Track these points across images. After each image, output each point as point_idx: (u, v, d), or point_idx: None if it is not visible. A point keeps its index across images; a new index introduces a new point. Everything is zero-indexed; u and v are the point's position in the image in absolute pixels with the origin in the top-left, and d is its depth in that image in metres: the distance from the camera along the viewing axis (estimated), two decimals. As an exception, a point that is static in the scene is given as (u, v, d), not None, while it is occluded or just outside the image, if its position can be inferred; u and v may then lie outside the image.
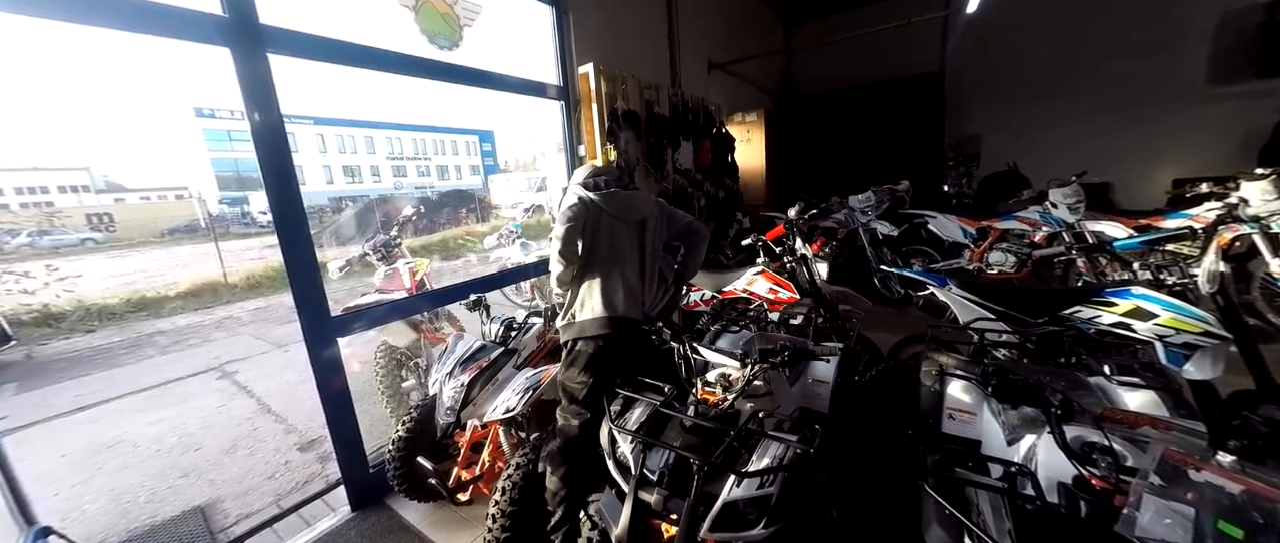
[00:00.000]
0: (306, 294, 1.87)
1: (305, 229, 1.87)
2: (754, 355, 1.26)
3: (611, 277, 1.92)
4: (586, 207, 1.89)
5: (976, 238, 4.08)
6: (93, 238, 21.34)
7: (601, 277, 1.92)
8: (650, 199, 2.11)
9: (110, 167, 40.75)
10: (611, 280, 1.92)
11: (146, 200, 30.76)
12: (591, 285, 1.93)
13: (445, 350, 1.92)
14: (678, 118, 3.90)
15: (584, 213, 1.89)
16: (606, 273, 1.92)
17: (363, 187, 30.78)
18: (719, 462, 1.10)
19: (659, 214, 2.02)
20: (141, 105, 48.55)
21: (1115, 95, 5.97)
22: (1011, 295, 1.94)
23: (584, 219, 1.89)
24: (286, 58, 1.81)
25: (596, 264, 1.93)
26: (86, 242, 20.47)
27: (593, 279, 1.93)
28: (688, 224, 2.10)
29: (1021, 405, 1.01)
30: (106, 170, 35.76)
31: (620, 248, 1.95)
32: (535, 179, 19.40)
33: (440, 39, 2.36)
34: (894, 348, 2.51)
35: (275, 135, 1.76)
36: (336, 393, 2.00)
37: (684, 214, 2.14)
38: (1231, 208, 3.02)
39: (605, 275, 1.92)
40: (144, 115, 46.94)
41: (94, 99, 48.74)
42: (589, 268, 1.92)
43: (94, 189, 30.54)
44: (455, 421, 1.61)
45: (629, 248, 1.95)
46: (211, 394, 3.87)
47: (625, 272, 1.93)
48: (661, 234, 2.03)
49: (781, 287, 2.47)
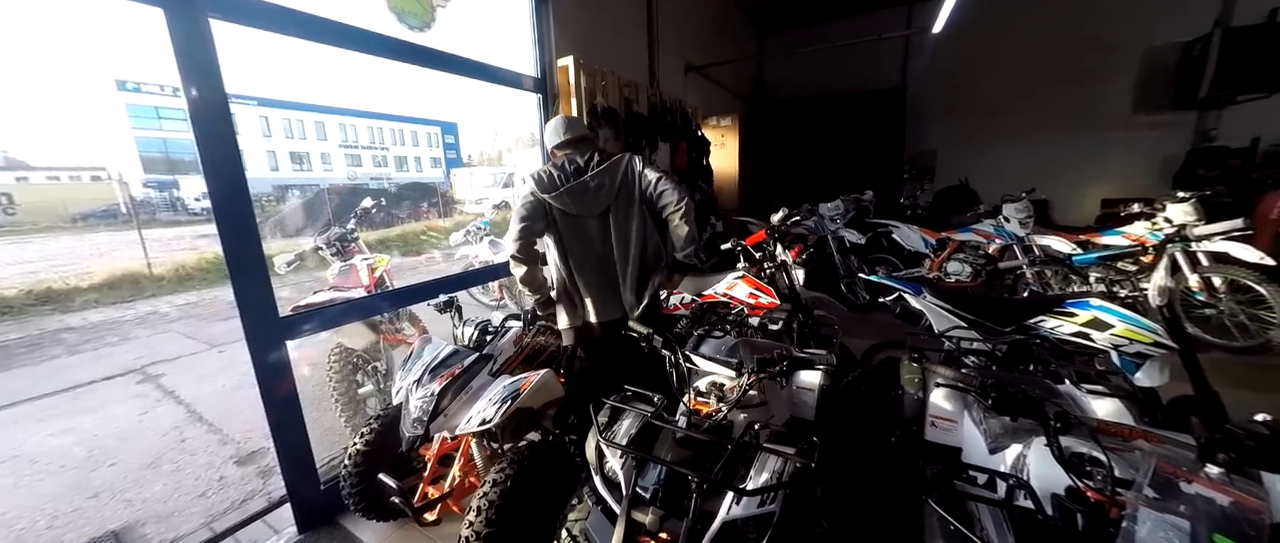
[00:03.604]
0: (250, 292, 1.67)
1: (251, 220, 1.67)
2: (751, 365, 1.22)
3: (584, 277, 1.83)
4: (542, 204, 1.78)
5: (936, 248, 4.28)
6: (-14, 220, 18.92)
7: (572, 279, 1.83)
8: (614, 174, 1.82)
9: (13, 141, 36.23)
10: (584, 281, 1.83)
11: (55, 180, 27.52)
12: (564, 290, 1.84)
13: (411, 356, 1.76)
14: (656, 118, 3.85)
15: (541, 210, 1.78)
16: (578, 273, 1.83)
17: (313, 174, 28.91)
18: (718, 478, 1.05)
19: (625, 193, 1.83)
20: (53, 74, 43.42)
21: (1052, 119, 6.46)
22: (982, 305, 2.02)
23: (542, 216, 1.78)
24: (231, 24, 1.61)
25: (568, 265, 1.83)
26: (-24, 225, 18.15)
27: (567, 282, 1.84)
28: (661, 192, 1.82)
29: (1019, 417, 1.01)
30: (7, 145, 31.81)
31: (589, 244, 1.83)
32: (501, 174, 18.86)
33: (410, 18, 2.19)
34: (866, 354, 2.56)
35: (216, 112, 1.56)
36: (283, 401, 1.80)
37: (655, 174, 1.84)
38: (1181, 228, 3.26)
39: (576, 277, 1.83)
40: (56, 85, 42.01)
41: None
42: (562, 269, 1.83)
43: (-9, 166, 27.08)
44: (424, 433, 1.48)
45: (598, 242, 1.84)
46: (131, 400, 3.44)
47: (599, 270, 1.84)
48: (637, 214, 1.86)
49: (762, 292, 2.47)
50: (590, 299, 1.87)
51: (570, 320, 1.91)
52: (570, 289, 1.89)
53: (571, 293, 1.90)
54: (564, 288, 1.91)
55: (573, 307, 1.85)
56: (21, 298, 6.73)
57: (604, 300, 1.89)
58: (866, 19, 7.03)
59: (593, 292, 1.88)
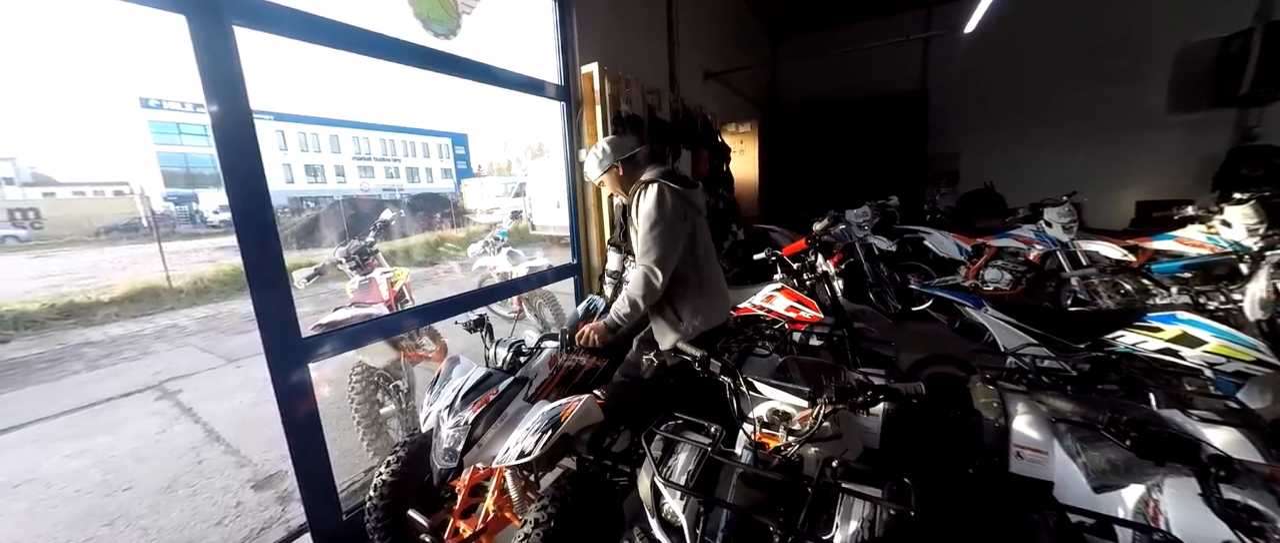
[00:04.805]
0: (272, 310, 1.58)
1: (273, 234, 1.58)
2: (829, 394, 1.08)
3: (708, 283, 1.76)
4: (682, 198, 1.66)
5: (972, 254, 4.09)
6: (15, 234, 19.44)
7: (697, 286, 1.73)
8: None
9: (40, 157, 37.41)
10: (709, 286, 1.76)
11: (81, 195, 28.29)
12: (703, 288, 1.74)
13: (438, 378, 1.65)
14: (679, 124, 3.75)
15: (684, 208, 1.67)
16: (703, 280, 1.74)
17: (326, 186, 29.38)
18: (805, 530, 0.91)
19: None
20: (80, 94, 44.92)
21: (1082, 120, 6.25)
22: (1053, 319, 1.86)
23: (685, 216, 1.67)
24: (257, 32, 1.53)
25: (698, 270, 1.74)
26: (6, 239, 18.66)
27: (703, 280, 1.75)
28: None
29: (1166, 461, 0.86)
30: (35, 161, 32.82)
31: (709, 247, 1.78)
32: (512, 184, 18.93)
33: (436, 25, 2.12)
34: (912, 370, 2.40)
35: (239, 122, 1.48)
36: (304, 425, 1.70)
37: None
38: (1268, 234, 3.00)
39: (703, 283, 1.74)
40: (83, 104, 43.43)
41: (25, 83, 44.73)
42: (690, 275, 1.72)
43: (20, 181, 27.90)
44: (458, 465, 1.36)
45: (711, 245, 1.80)
46: (148, 418, 3.39)
47: (717, 276, 1.79)
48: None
49: (804, 305, 2.32)
50: (705, 309, 1.76)
51: (672, 337, 1.72)
52: (681, 299, 1.74)
53: (684, 302, 1.74)
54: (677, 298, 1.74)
55: (677, 320, 1.70)
56: (45, 312, 6.79)
57: (718, 308, 1.82)
58: (884, 22, 6.90)
59: (718, 296, 1.82)
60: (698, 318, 1.70)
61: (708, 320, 1.73)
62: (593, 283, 3.13)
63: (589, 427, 1.59)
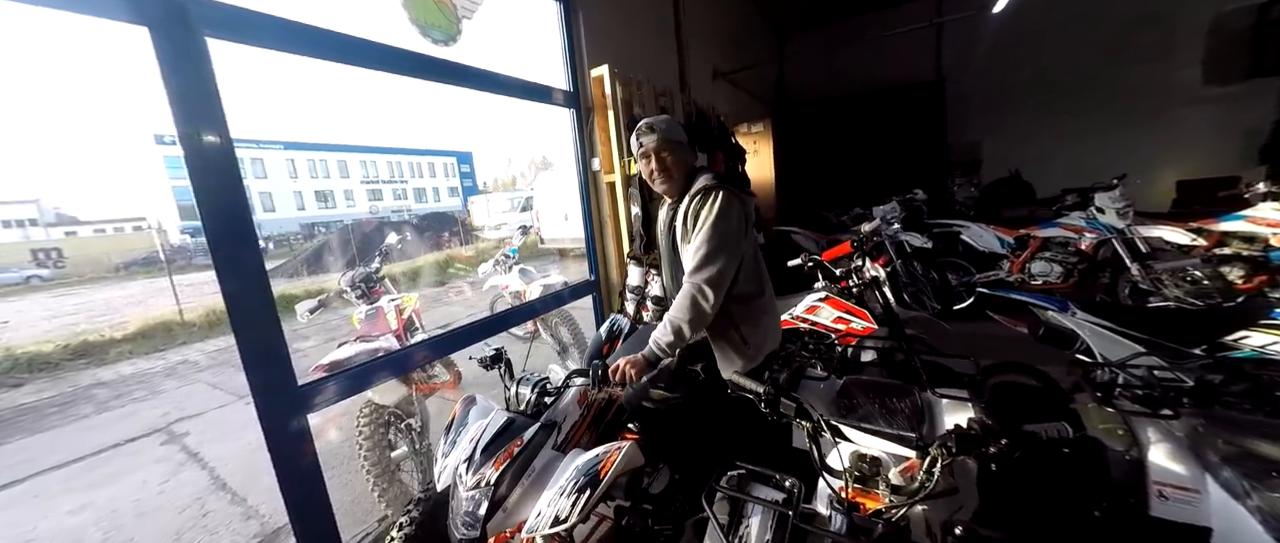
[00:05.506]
0: (260, 354, 1.38)
1: (258, 266, 1.39)
2: (948, 442, 0.84)
3: (769, 302, 1.60)
4: (744, 206, 1.47)
5: (1015, 247, 3.81)
6: (38, 274, 19.84)
7: (771, 294, 1.59)
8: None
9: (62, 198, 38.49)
10: (771, 307, 1.61)
11: (101, 232, 28.93)
12: (767, 305, 1.58)
13: (453, 423, 1.44)
14: (693, 126, 3.55)
15: (745, 217, 1.48)
16: (772, 289, 1.61)
17: (336, 211, 29.74)
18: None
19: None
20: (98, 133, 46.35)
21: (1111, 100, 5.95)
22: (1155, 320, 1.60)
23: (746, 226, 1.48)
24: (232, 44, 1.36)
25: (765, 280, 1.59)
26: (31, 279, 19.04)
27: (765, 297, 1.59)
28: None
29: None
30: (58, 202, 33.75)
31: (763, 263, 1.61)
32: (518, 198, 18.91)
33: (434, 31, 1.95)
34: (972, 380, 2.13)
35: (215, 143, 1.30)
36: (304, 481, 1.50)
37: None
38: None
39: (772, 292, 1.61)
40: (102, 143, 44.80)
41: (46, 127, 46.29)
42: (757, 286, 1.55)
43: (43, 222, 28.64)
44: (480, 536, 1.14)
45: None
46: (154, 466, 3.22)
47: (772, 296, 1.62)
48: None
49: (854, 315, 2.08)
50: (771, 328, 1.60)
51: (738, 363, 1.50)
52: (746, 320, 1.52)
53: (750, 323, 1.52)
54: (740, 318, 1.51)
55: (744, 344, 1.48)
56: (59, 353, 6.75)
57: (777, 328, 1.66)
58: (891, 12, 6.67)
59: (776, 314, 1.68)
60: (765, 339, 1.53)
61: (774, 341, 1.57)
62: (613, 300, 2.92)
63: (627, 472, 1.37)
